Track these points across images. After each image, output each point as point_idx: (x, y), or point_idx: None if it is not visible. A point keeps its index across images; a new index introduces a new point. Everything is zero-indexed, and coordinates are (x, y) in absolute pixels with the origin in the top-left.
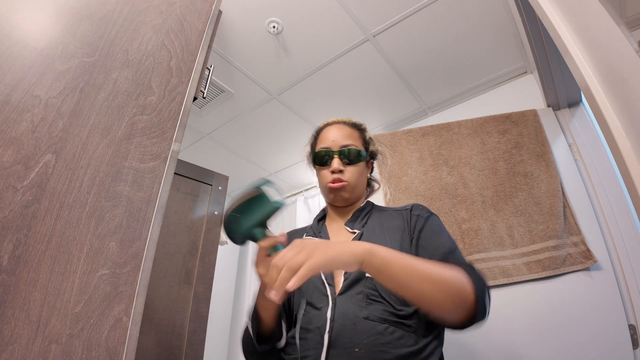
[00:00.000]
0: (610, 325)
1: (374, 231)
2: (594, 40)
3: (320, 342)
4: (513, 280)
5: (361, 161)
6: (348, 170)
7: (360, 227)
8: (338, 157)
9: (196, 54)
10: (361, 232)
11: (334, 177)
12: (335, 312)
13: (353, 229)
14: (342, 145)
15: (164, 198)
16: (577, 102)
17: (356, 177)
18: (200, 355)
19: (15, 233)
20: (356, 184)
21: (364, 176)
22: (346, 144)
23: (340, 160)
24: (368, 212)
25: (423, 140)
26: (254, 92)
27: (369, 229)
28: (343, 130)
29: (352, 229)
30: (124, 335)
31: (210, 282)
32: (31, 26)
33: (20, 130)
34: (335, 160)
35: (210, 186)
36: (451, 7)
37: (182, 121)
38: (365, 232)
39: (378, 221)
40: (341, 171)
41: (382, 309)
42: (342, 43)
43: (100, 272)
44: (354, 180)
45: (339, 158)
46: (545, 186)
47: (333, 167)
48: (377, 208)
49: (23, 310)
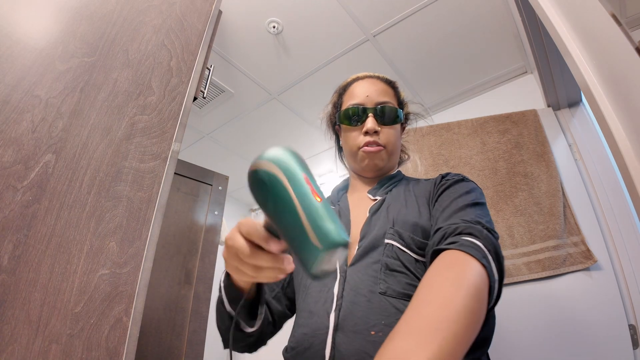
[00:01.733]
0: (610, 325)
1: (398, 197)
2: (594, 40)
3: (324, 324)
4: (513, 280)
5: (398, 122)
6: (384, 132)
7: (383, 194)
8: (373, 116)
9: (196, 54)
10: (383, 199)
11: (367, 140)
12: (345, 287)
13: (375, 197)
14: (377, 102)
15: (164, 198)
16: (577, 102)
17: (393, 140)
18: (200, 355)
19: (15, 233)
20: (393, 150)
21: (400, 141)
22: (383, 101)
23: (376, 120)
24: (397, 180)
25: (423, 140)
26: (254, 92)
27: (392, 195)
28: (377, 85)
29: (374, 196)
30: (124, 335)
31: (210, 282)
32: (31, 26)
33: (20, 130)
34: (370, 120)
35: (210, 186)
36: (451, 7)
37: (182, 121)
38: (387, 198)
39: (406, 188)
40: (377, 132)
41: (406, 282)
42: (342, 43)
43: (101, 272)
44: (392, 145)
45: (375, 117)
46: (545, 186)
47: (368, 126)
48: (407, 178)
49: (23, 310)
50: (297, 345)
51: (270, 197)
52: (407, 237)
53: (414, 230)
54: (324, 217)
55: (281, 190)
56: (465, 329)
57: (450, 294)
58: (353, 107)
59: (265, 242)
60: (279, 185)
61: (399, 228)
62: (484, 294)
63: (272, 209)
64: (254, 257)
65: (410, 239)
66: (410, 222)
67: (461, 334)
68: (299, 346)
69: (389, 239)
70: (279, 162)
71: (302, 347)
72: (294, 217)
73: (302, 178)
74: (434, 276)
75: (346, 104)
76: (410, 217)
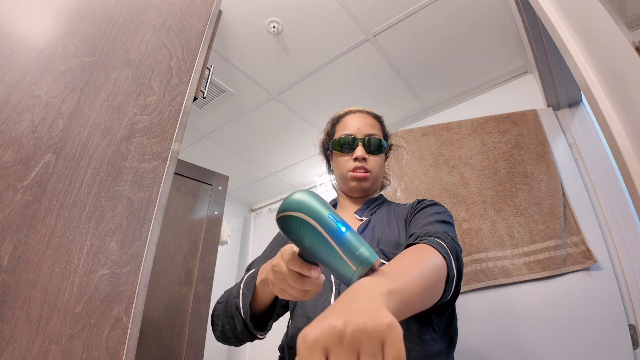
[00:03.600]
0: (610, 325)
1: (381, 219)
2: (594, 40)
3: None
4: (513, 280)
5: (382, 152)
6: (371, 160)
7: (368, 215)
8: (362, 145)
9: (196, 54)
10: (368, 220)
11: (356, 165)
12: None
13: (361, 217)
14: (366, 134)
15: (164, 198)
16: (577, 102)
17: (378, 167)
18: (200, 355)
19: (16, 233)
20: (378, 175)
21: (383, 168)
22: (371, 133)
23: (364, 149)
24: (380, 203)
25: (423, 140)
26: (254, 92)
27: (376, 217)
28: (367, 119)
29: (360, 216)
30: (124, 335)
31: (210, 282)
32: (31, 26)
33: (20, 130)
34: (360, 148)
35: (211, 186)
36: (451, 7)
37: (182, 121)
38: (372, 219)
39: (387, 210)
40: (365, 159)
41: None
42: (342, 43)
43: (101, 272)
44: (376, 171)
45: (363, 146)
46: (545, 186)
47: (357, 154)
48: (389, 202)
49: (23, 310)
50: (295, 346)
51: (305, 237)
52: (390, 254)
53: (396, 248)
54: (355, 244)
55: (313, 231)
56: (422, 287)
57: (414, 263)
58: (345, 136)
59: (307, 271)
60: (310, 228)
61: (383, 247)
62: (441, 274)
63: (307, 245)
64: (301, 283)
65: (393, 255)
66: (393, 241)
67: (418, 288)
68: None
69: None
70: (305, 208)
71: None
72: (329, 249)
73: (326, 216)
74: (403, 254)
75: (339, 133)
76: (392, 237)
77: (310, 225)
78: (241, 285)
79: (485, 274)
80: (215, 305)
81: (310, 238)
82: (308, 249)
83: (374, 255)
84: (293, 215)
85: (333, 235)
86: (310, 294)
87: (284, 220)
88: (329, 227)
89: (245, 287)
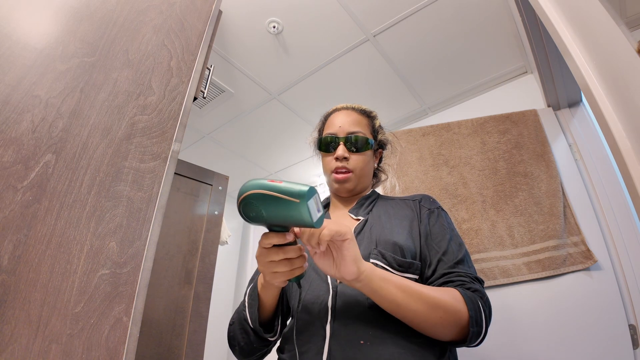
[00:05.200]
0: (610, 325)
1: (379, 219)
2: (594, 40)
3: (321, 335)
4: (513, 280)
5: (368, 150)
6: (353, 159)
7: (364, 214)
8: (344, 144)
9: (196, 54)
10: (365, 219)
11: (337, 166)
12: (337, 301)
13: (357, 217)
14: (348, 132)
15: (164, 198)
16: (577, 102)
17: (361, 166)
18: (200, 355)
19: (16, 233)
20: (361, 174)
21: (370, 166)
22: (353, 131)
23: (346, 148)
24: (373, 200)
25: (423, 140)
26: (254, 92)
27: (374, 216)
28: (351, 116)
29: (356, 216)
30: (124, 335)
31: (210, 282)
32: (31, 26)
33: (20, 130)
34: (341, 147)
35: (211, 186)
36: (451, 7)
37: (182, 121)
38: (370, 219)
39: (384, 209)
40: (346, 159)
41: None
42: (342, 43)
43: (101, 272)
44: (359, 170)
45: (345, 145)
46: (545, 186)
47: (337, 153)
48: (382, 197)
49: (23, 310)
50: (294, 349)
51: (262, 207)
52: (389, 256)
53: (394, 250)
54: (286, 186)
55: (263, 197)
56: (425, 312)
57: (438, 296)
58: (327, 136)
59: (283, 238)
60: (259, 196)
61: (381, 249)
62: (451, 320)
63: (267, 214)
64: (284, 252)
65: (392, 258)
66: (391, 242)
67: (421, 311)
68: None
69: (374, 258)
70: (248, 187)
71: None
72: (277, 202)
73: (265, 182)
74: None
75: (324, 132)
76: (390, 237)
77: (259, 194)
78: (245, 298)
79: (485, 274)
80: (228, 328)
81: (265, 205)
82: (269, 217)
83: (302, 186)
84: (245, 197)
85: (275, 189)
86: (296, 265)
87: (242, 207)
88: (270, 187)
89: (250, 298)
